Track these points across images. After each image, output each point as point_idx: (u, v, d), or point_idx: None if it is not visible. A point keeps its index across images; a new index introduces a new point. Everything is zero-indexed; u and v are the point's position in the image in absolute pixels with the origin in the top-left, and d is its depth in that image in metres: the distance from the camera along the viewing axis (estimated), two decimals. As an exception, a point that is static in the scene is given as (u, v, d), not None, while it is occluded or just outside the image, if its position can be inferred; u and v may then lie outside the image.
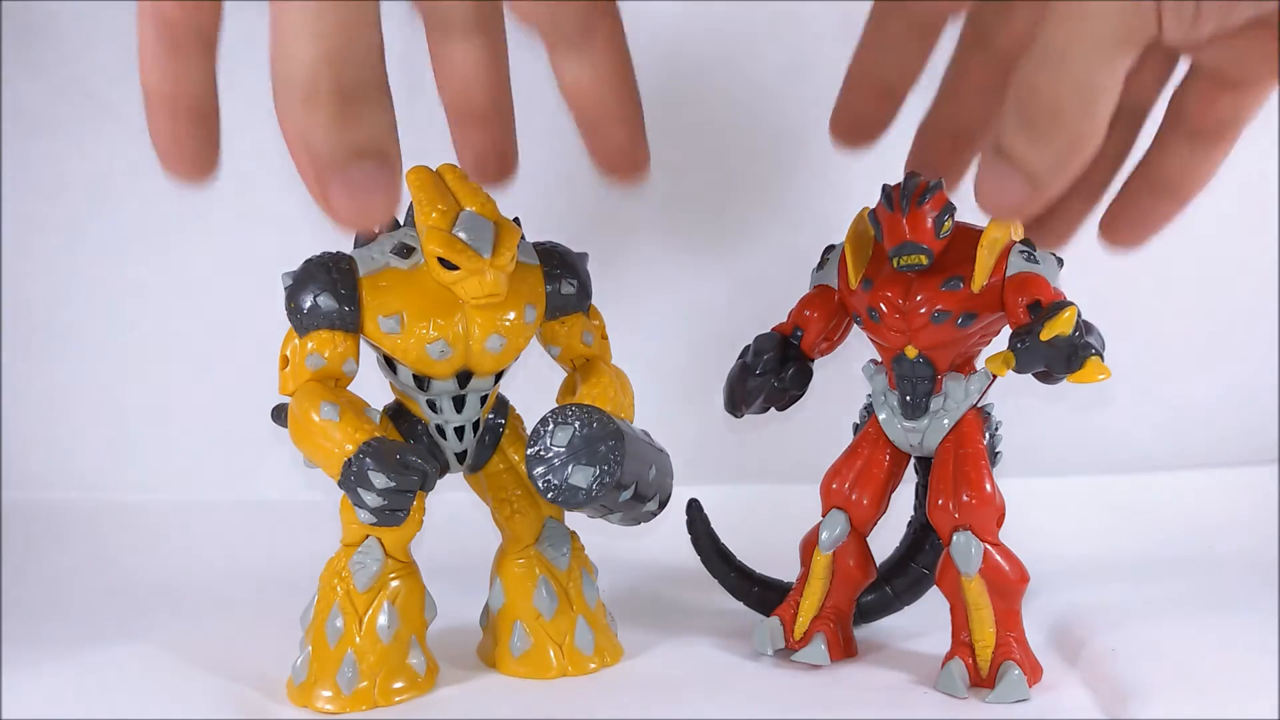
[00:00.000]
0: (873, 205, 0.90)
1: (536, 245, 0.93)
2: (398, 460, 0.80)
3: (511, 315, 0.87)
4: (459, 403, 0.89)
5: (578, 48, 0.69)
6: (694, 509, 1.01)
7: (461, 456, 0.92)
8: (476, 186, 0.86)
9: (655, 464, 0.87)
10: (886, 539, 0.97)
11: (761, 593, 1.00)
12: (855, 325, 0.94)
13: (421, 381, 0.88)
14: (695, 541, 1.01)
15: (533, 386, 0.98)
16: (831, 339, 0.95)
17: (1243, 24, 0.63)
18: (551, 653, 0.91)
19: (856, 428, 0.97)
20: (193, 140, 0.69)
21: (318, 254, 0.88)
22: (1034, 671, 0.86)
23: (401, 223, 0.89)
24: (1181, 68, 0.77)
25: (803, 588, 0.94)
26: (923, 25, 0.94)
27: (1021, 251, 0.86)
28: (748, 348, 0.95)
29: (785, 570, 0.99)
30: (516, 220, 0.92)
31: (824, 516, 0.94)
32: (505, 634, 0.93)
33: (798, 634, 0.93)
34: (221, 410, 1.30)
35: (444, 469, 0.92)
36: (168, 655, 0.94)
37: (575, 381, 0.92)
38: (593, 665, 0.92)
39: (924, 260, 0.86)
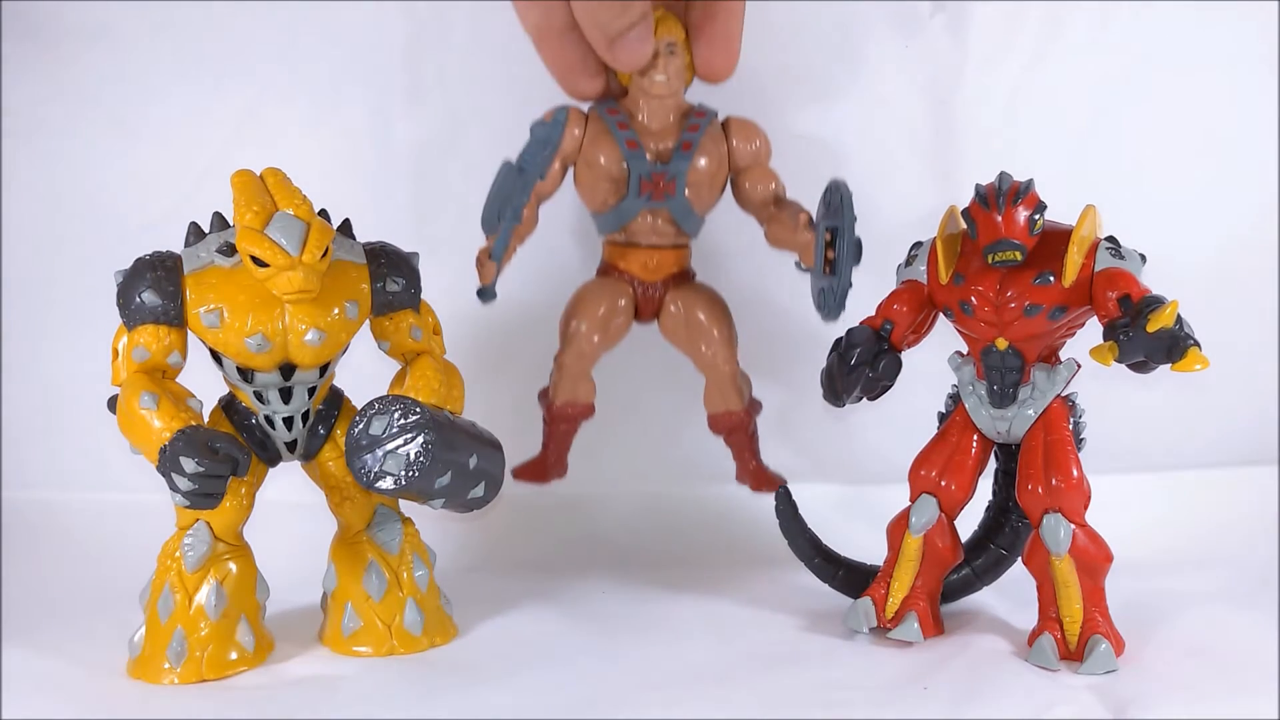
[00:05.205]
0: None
1: (366, 245, 0.97)
2: (208, 447, 0.85)
3: (335, 311, 0.91)
4: (286, 394, 0.93)
5: None
6: (783, 496, 1.05)
7: (292, 446, 0.96)
8: (295, 189, 0.90)
9: (478, 452, 0.91)
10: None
11: (846, 575, 1.03)
12: (945, 318, 0.98)
13: (246, 374, 0.92)
14: (783, 526, 1.04)
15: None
16: (919, 332, 0.99)
17: None
18: (380, 631, 0.95)
19: (942, 417, 1.01)
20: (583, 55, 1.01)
21: (148, 253, 0.91)
22: (1119, 644, 0.91)
23: None
24: None
25: (892, 570, 0.98)
26: None
27: (1108, 248, 0.90)
28: (840, 340, 0.98)
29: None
30: (346, 222, 0.96)
31: (913, 502, 0.98)
32: (337, 614, 0.97)
33: (889, 613, 0.97)
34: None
35: (275, 458, 0.96)
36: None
37: (404, 375, 0.96)
38: (423, 644, 0.96)
39: (1018, 256, 0.90)
